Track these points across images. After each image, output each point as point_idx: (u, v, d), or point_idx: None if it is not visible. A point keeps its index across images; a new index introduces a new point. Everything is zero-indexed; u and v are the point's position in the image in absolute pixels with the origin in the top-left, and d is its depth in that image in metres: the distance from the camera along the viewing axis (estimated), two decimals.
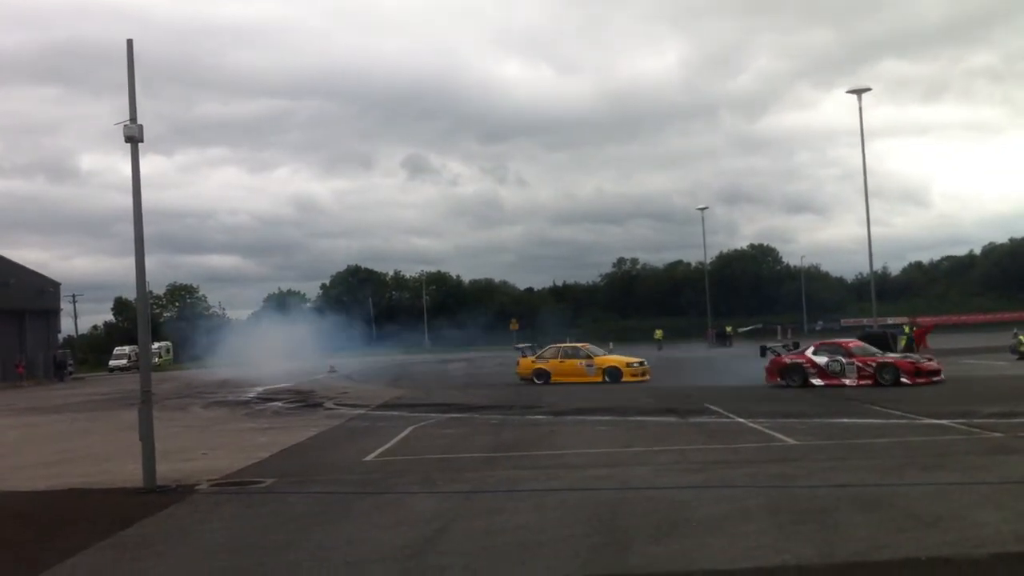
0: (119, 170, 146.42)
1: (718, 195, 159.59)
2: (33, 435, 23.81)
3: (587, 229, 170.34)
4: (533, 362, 35.36)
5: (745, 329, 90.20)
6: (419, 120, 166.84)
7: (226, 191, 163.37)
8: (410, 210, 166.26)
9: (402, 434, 19.07)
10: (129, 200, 13.95)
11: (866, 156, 40.22)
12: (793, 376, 27.27)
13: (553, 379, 33.88)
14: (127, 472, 14.44)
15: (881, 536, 8.54)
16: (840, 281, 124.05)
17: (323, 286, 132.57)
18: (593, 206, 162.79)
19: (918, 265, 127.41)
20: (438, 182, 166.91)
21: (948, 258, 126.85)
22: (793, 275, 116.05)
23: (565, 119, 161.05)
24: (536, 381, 33.98)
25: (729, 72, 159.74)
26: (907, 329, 32.38)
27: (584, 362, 34.44)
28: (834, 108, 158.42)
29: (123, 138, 13.70)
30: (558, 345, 38.98)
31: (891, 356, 27.17)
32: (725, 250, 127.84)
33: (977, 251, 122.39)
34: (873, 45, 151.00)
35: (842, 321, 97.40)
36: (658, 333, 76.26)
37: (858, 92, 40.26)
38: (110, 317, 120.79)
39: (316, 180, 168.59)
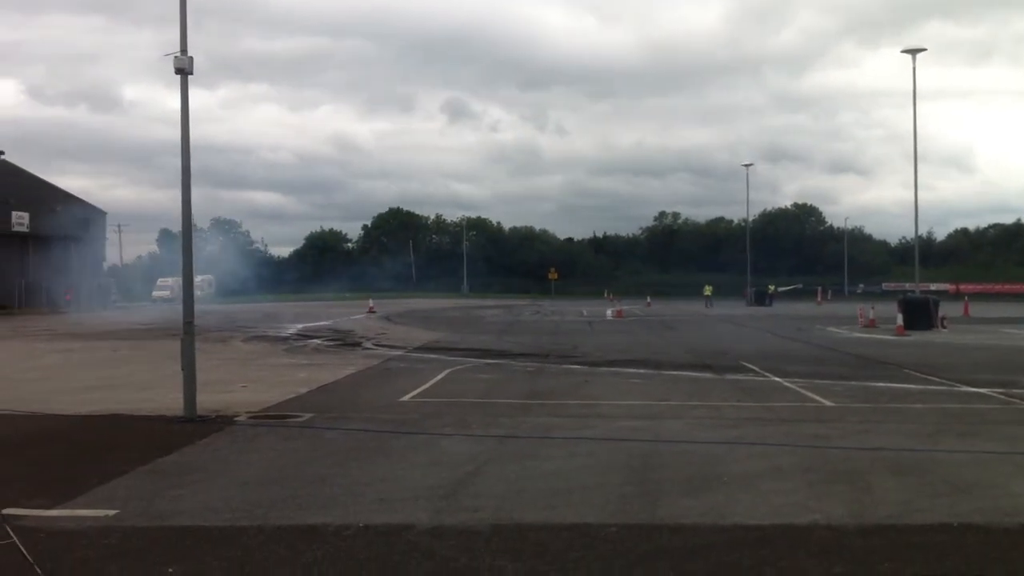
0: (162, 102, 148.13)
1: (760, 152, 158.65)
2: (76, 361, 24.26)
3: (627, 181, 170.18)
4: None
5: (786, 288, 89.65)
6: (459, 64, 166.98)
7: (267, 127, 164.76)
8: (450, 154, 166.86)
9: (438, 377, 19.22)
10: (173, 132, 14.05)
11: (915, 118, 39.45)
12: None
13: None
14: (168, 401, 14.70)
15: (914, 500, 8.53)
16: (883, 244, 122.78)
17: (364, 227, 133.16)
18: (633, 158, 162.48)
19: (964, 231, 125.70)
20: (478, 127, 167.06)
21: (995, 225, 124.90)
22: (836, 236, 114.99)
23: (606, 69, 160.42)
24: None
25: (772, 27, 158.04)
26: None
27: None
28: (878, 68, 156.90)
29: (170, 70, 13.71)
30: None
31: None
32: (768, 208, 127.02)
33: None
34: (919, 5, 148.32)
35: (884, 285, 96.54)
36: (708, 289, 75.20)
37: (913, 52, 39.29)
38: (154, 247, 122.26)
39: (356, 120, 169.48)
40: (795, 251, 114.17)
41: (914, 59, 39.05)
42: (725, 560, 6.80)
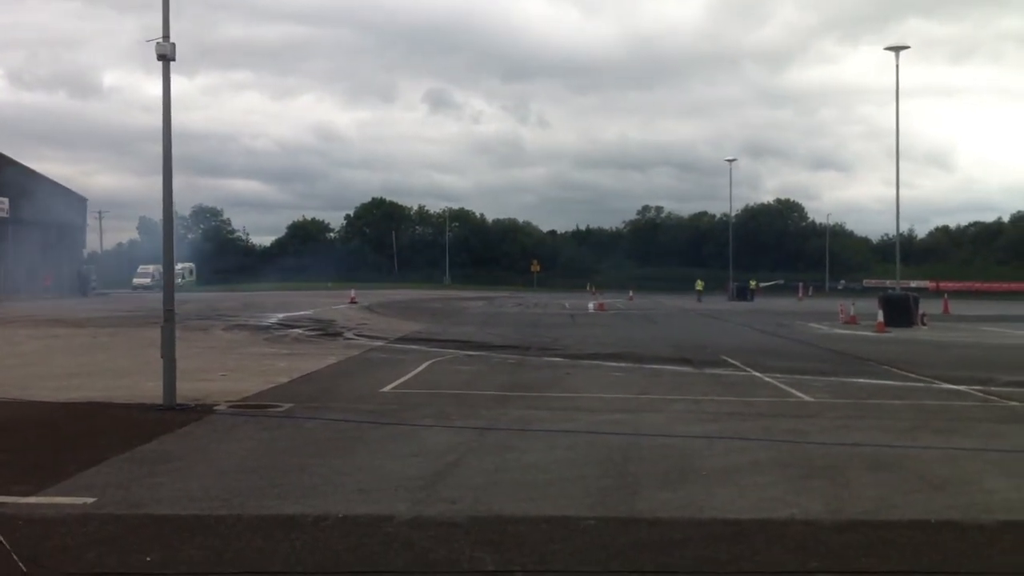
0: (142, 88, 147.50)
1: (742, 147, 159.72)
2: (56, 347, 24.13)
3: (610, 174, 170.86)
4: None
5: (767, 284, 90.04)
6: (441, 54, 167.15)
7: (248, 116, 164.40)
8: (432, 145, 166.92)
9: (419, 368, 19.21)
10: (153, 119, 14.36)
11: (893, 115, 39.61)
12: None
13: None
14: (147, 388, 14.64)
15: (890, 496, 8.58)
16: (865, 241, 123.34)
17: (347, 216, 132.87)
18: (616, 151, 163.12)
19: (945, 229, 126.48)
20: (460, 118, 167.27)
21: (975, 224, 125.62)
22: (818, 232, 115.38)
23: (588, 61, 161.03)
24: None
25: (754, 22, 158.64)
26: None
27: None
28: (859, 65, 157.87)
29: (150, 56, 13.56)
30: None
31: None
32: (750, 203, 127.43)
33: (1005, 218, 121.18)
34: (899, 2, 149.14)
35: (865, 282, 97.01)
36: (699, 284, 75.18)
37: (896, 49, 39.37)
38: (135, 235, 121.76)
39: (338, 109, 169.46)
40: (777, 247, 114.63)
41: (897, 56, 39.17)
42: (702, 554, 6.83)
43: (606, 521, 7.62)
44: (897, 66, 39.10)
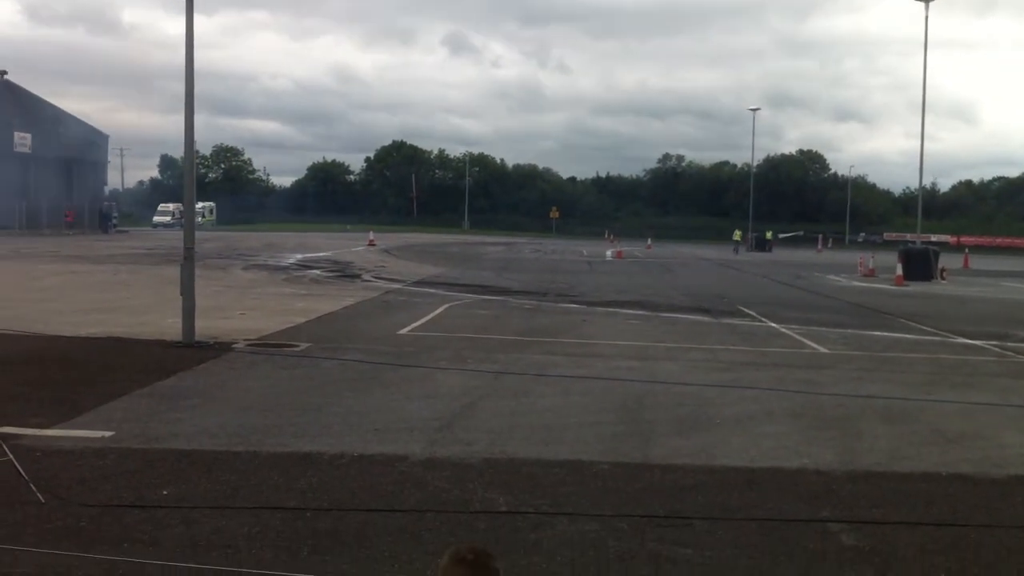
0: (160, 27, 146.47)
1: (763, 97, 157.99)
2: (77, 283, 24.28)
3: (630, 122, 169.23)
4: None
5: (786, 235, 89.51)
6: None
7: (267, 56, 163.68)
8: (451, 89, 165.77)
9: (437, 311, 19.26)
10: (173, 56, 14.23)
11: (917, 67, 39.04)
12: None
13: None
14: (166, 326, 14.75)
15: (903, 448, 8.60)
16: (887, 194, 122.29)
17: (367, 159, 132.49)
18: (636, 98, 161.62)
19: (968, 183, 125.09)
20: (479, 62, 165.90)
21: (999, 178, 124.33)
22: (839, 184, 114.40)
23: (608, 6, 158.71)
24: None
25: None
26: None
27: None
28: (883, 15, 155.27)
29: None
30: None
31: None
32: (771, 154, 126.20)
33: None
34: None
35: (885, 235, 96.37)
36: (737, 234, 73.72)
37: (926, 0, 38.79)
38: (155, 173, 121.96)
39: (357, 51, 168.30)
40: (798, 198, 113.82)
41: (927, 7, 38.56)
42: (714, 500, 6.87)
43: (619, 466, 7.67)
44: (927, 17, 38.56)
